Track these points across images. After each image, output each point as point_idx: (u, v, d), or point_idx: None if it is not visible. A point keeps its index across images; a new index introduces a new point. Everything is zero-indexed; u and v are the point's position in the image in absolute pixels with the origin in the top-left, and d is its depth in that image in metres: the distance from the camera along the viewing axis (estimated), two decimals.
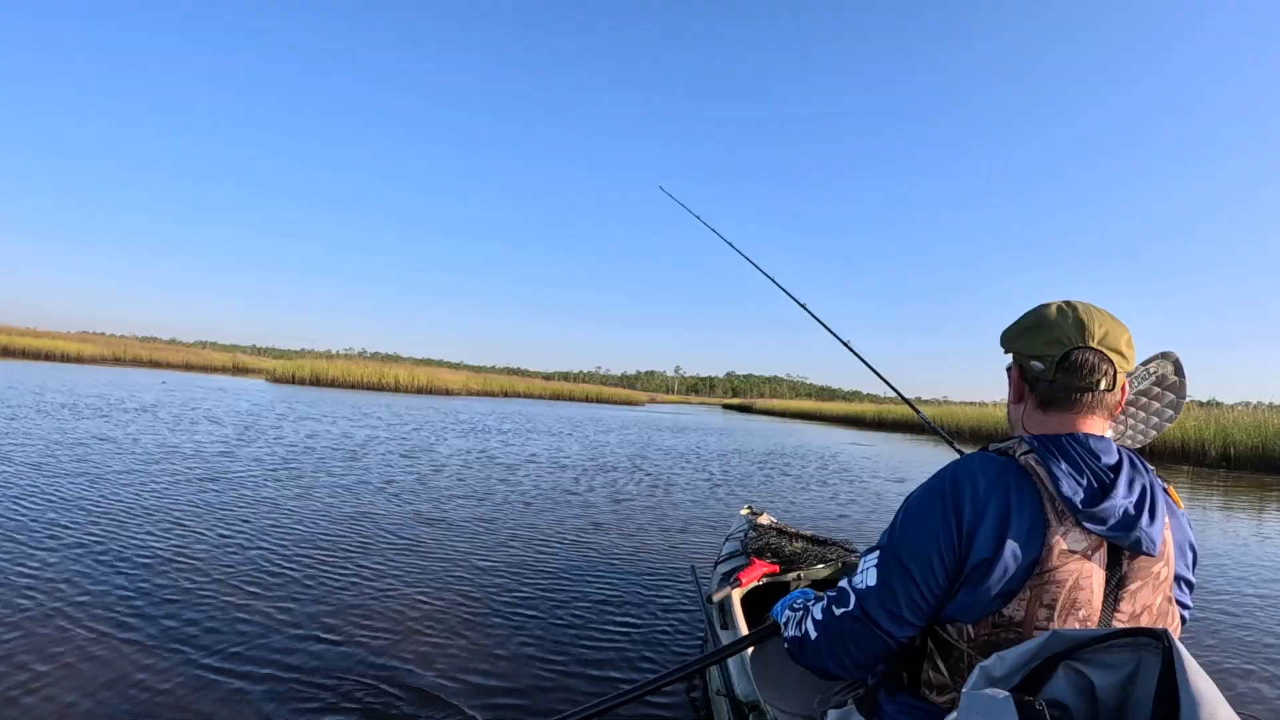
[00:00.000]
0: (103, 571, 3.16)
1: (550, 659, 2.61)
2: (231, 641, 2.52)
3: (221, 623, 2.68)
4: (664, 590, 3.62)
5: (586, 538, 4.72)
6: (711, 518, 5.87)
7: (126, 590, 2.95)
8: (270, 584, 3.20)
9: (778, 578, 2.59)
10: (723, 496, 7.18)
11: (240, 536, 3.98)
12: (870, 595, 1.02)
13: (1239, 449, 15.09)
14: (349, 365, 36.13)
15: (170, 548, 3.62)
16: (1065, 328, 1.01)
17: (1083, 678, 0.73)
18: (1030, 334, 1.05)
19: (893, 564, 1.01)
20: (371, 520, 4.68)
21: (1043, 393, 1.04)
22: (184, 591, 2.99)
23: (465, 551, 4.09)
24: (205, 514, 4.45)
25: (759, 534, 3.00)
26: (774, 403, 64.87)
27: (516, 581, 3.58)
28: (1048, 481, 0.94)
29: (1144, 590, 0.95)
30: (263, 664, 2.37)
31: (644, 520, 5.53)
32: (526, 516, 5.28)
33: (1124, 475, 0.96)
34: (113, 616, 2.66)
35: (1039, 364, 1.03)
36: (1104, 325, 1.02)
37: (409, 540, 4.24)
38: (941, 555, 0.96)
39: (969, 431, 25.02)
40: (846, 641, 1.06)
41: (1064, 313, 1.03)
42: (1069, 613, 0.91)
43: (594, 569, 3.94)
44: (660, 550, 4.55)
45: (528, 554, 4.16)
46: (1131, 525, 0.92)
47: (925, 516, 1.00)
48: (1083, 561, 0.92)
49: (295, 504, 5.00)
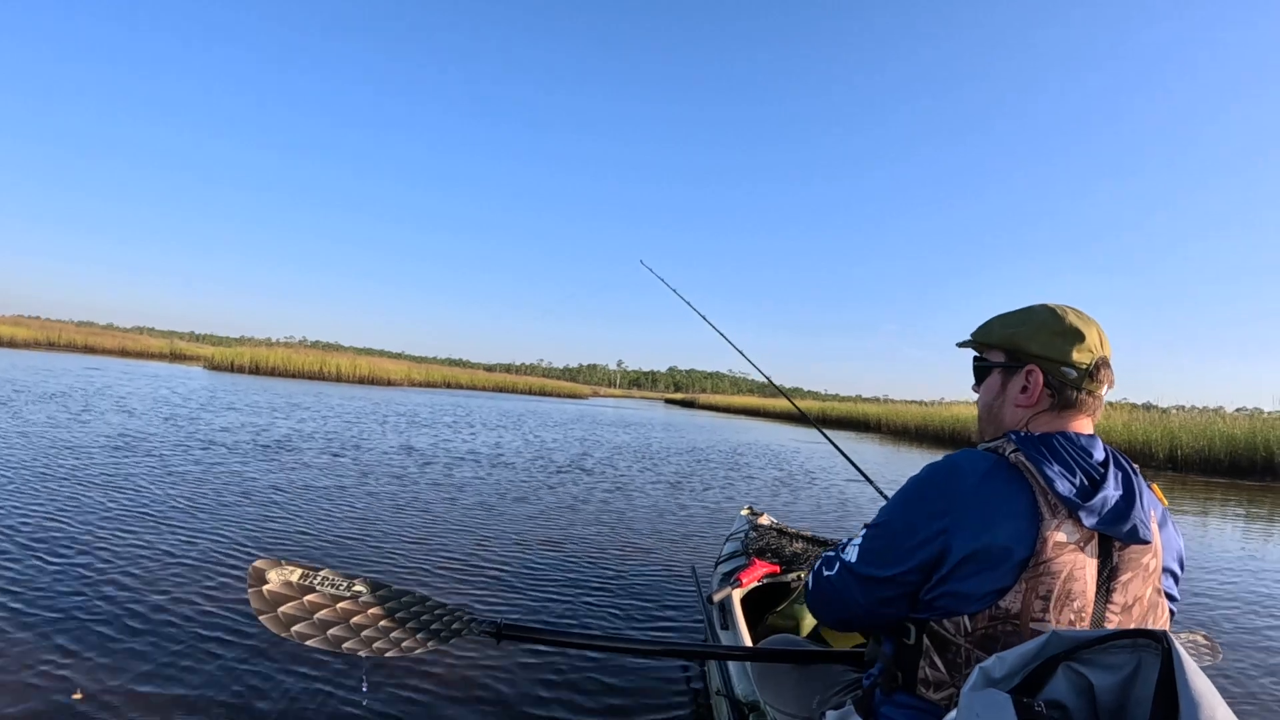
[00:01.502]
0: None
1: (548, 659, 2.60)
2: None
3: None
4: (647, 594, 3.57)
5: (568, 543, 4.54)
6: (684, 520, 5.76)
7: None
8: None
9: (778, 578, 2.58)
10: (707, 497, 7.04)
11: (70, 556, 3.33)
12: (847, 569, 1.12)
13: (1185, 451, 15.72)
14: (289, 354, 35.01)
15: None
16: (1093, 337, 1.08)
17: (1082, 679, 0.73)
18: (1060, 340, 1.08)
19: (875, 545, 1.08)
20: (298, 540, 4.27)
21: (1066, 398, 1.07)
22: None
23: (432, 561, 3.83)
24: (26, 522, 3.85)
25: (759, 534, 3.00)
26: (717, 398, 65.31)
27: (499, 590, 3.43)
28: (1039, 477, 0.97)
29: (1135, 581, 0.99)
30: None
31: (611, 521, 5.41)
32: (491, 520, 5.05)
33: (1112, 470, 1.01)
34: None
35: (1072, 371, 1.06)
36: (1103, 334, 1.10)
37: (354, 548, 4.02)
38: (919, 553, 1.01)
39: (915, 430, 25.61)
40: (829, 602, 1.17)
41: (1086, 320, 1.09)
42: (1064, 604, 0.94)
43: (585, 573, 3.86)
44: (655, 551, 4.47)
45: (506, 562, 3.94)
46: (1123, 516, 0.96)
47: (911, 512, 1.05)
48: (1076, 553, 0.95)
49: (181, 517, 4.49)
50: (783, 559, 2.68)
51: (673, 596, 3.56)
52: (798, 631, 2.33)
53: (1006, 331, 1.15)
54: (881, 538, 1.08)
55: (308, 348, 44.04)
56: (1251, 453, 14.81)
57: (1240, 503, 10.31)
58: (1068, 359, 1.07)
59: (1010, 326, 1.15)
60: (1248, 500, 10.73)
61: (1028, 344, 1.11)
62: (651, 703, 2.33)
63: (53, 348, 38.13)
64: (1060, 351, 1.07)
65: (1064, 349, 1.07)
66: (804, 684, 1.51)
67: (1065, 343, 1.07)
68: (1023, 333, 1.12)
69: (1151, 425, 16.87)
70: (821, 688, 1.45)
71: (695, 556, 4.33)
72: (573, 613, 3.20)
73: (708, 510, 6.32)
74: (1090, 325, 1.09)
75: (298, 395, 18.42)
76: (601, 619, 3.15)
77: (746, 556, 2.71)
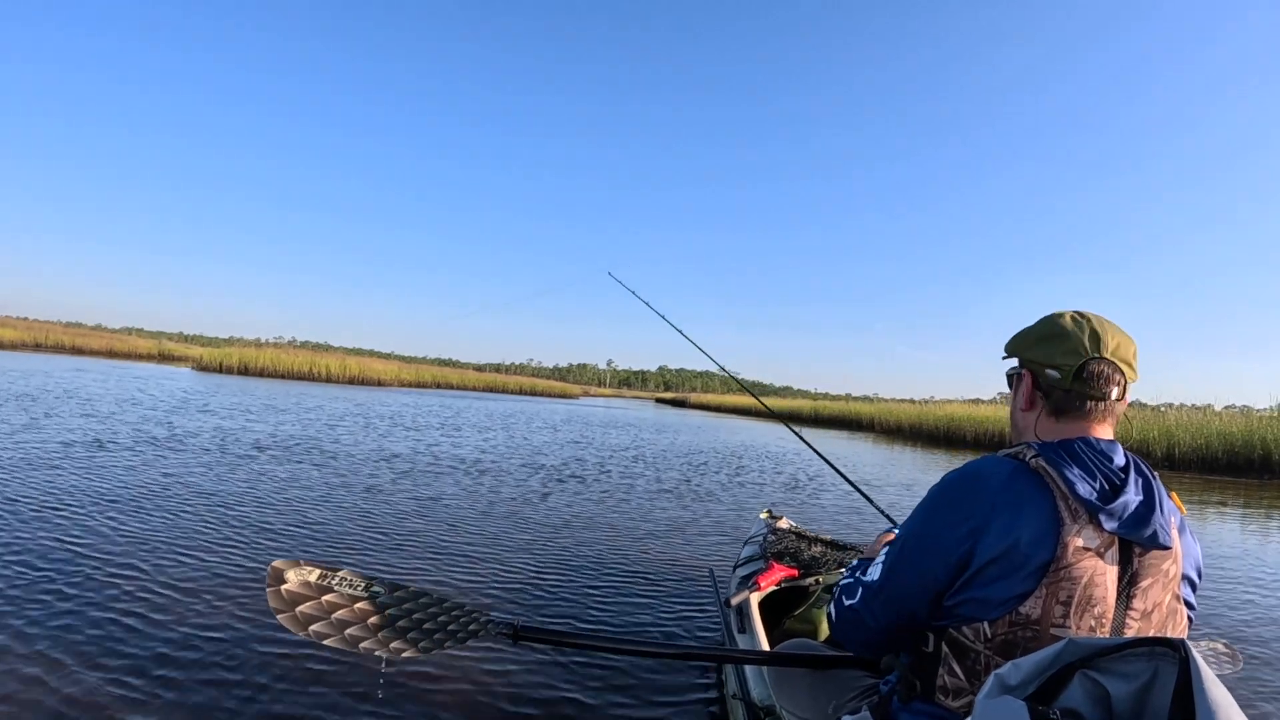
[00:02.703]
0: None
1: (564, 660, 2.59)
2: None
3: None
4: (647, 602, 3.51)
5: (581, 547, 4.49)
6: (695, 522, 5.68)
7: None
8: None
9: (796, 582, 2.56)
10: (717, 500, 6.89)
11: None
12: (871, 591, 1.11)
13: (1182, 449, 15.71)
14: (279, 354, 34.63)
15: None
16: (1082, 339, 1.07)
17: (1098, 687, 0.72)
18: (1046, 344, 1.10)
19: (897, 565, 1.07)
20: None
21: (1057, 401, 1.08)
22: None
23: (447, 564, 3.78)
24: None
25: (778, 538, 2.98)
26: (708, 397, 65.14)
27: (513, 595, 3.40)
28: (1060, 482, 0.97)
29: (1154, 587, 0.98)
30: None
31: (627, 525, 5.29)
32: (502, 526, 4.90)
33: (1132, 475, 1.00)
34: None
35: (1055, 373, 1.08)
36: (1115, 337, 1.07)
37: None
38: (947, 560, 1.00)
39: (909, 429, 25.37)
40: (850, 629, 1.16)
41: (1079, 324, 1.09)
42: (1084, 609, 0.94)
43: (599, 575, 3.85)
44: (669, 553, 4.46)
45: (521, 565, 3.92)
46: (1144, 521, 0.95)
47: (935, 521, 1.04)
48: (1096, 559, 0.94)
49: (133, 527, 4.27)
50: (801, 563, 2.67)
51: (689, 599, 3.54)
52: (815, 636, 2.34)
53: (1013, 340, 1.19)
54: (909, 549, 1.07)
55: (297, 348, 43.74)
56: (1249, 450, 14.82)
57: (1242, 501, 10.17)
58: (1051, 361, 1.08)
59: (1018, 335, 1.18)
60: (1245, 497, 10.62)
61: (1024, 350, 1.15)
62: (667, 706, 2.32)
63: (39, 349, 37.93)
64: (1044, 354, 1.10)
65: (1048, 352, 1.09)
66: (820, 689, 1.51)
67: (1050, 345, 1.09)
68: (1022, 340, 1.17)
69: (1148, 424, 16.85)
70: (838, 693, 1.45)
71: (710, 560, 4.31)
72: (588, 615, 3.21)
73: (720, 513, 6.21)
74: (1084, 328, 1.08)
75: (279, 397, 18.04)
76: (617, 621, 3.15)
77: (764, 560, 2.70)
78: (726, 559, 4.07)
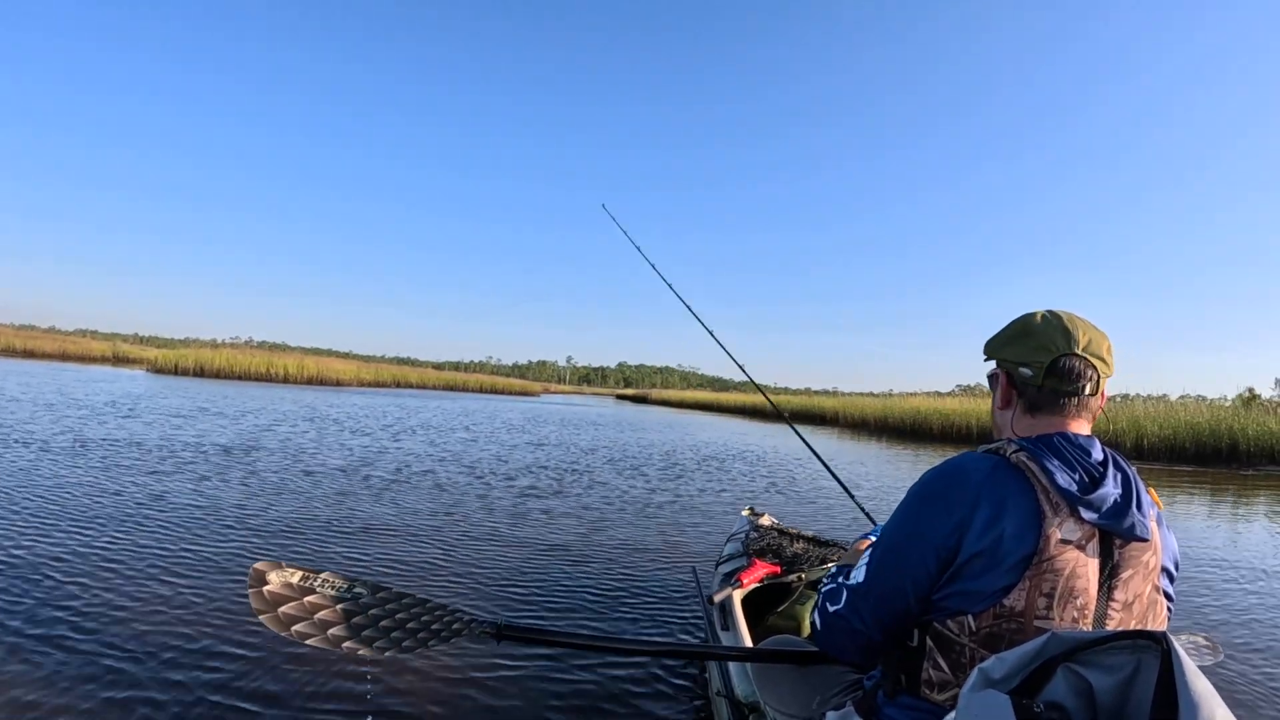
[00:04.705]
0: None
1: (548, 659, 2.56)
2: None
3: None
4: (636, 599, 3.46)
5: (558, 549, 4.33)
6: (675, 519, 5.58)
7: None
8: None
9: (779, 579, 2.57)
10: (696, 497, 6.67)
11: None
12: (858, 594, 1.09)
13: (1150, 440, 15.85)
14: (235, 355, 33.73)
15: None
16: (1052, 336, 1.08)
17: (1081, 680, 0.72)
18: (1018, 342, 1.12)
19: (883, 564, 1.06)
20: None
21: (1031, 398, 1.10)
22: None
23: (430, 566, 3.71)
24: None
25: (760, 535, 2.99)
26: (669, 393, 65.50)
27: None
28: (1041, 476, 0.97)
29: (1135, 579, 0.98)
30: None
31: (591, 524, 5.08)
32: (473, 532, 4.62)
33: (1110, 469, 1.01)
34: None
35: (1027, 370, 1.09)
36: (1087, 333, 1.08)
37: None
38: (934, 555, 1.00)
39: (874, 422, 25.50)
40: (839, 636, 1.13)
41: (1049, 321, 1.10)
42: (1067, 601, 0.94)
43: (581, 573, 3.80)
44: (651, 551, 4.41)
45: (503, 565, 3.86)
46: (1123, 513, 0.96)
47: (920, 517, 1.03)
48: (1078, 551, 0.94)
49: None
50: (783, 559, 2.66)
51: (672, 597, 3.51)
52: (798, 632, 2.35)
53: (989, 343, 1.20)
54: (894, 547, 1.06)
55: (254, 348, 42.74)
56: (1216, 440, 15.08)
57: (1209, 490, 10.30)
58: (1023, 359, 1.10)
59: (993, 337, 1.20)
60: (1213, 487, 10.78)
61: (998, 350, 1.17)
62: (652, 703, 2.30)
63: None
64: (1016, 353, 1.12)
65: (1020, 350, 1.11)
66: (804, 684, 1.51)
67: (1021, 344, 1.11)
68: (996, 340, 1.18)
69: (1116, 414, 17.06)
70: (822, 688, 1.45)
71: (692, 557, 4.27)
72: (572, 613, 3.17)
73: (700, 510, 6.13)
74: (1054, 325, 1.09)
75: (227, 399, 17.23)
76: (600, 620, 3.12)
77: (747, 557, 2.69)
78: (708, 556, 4.02)
